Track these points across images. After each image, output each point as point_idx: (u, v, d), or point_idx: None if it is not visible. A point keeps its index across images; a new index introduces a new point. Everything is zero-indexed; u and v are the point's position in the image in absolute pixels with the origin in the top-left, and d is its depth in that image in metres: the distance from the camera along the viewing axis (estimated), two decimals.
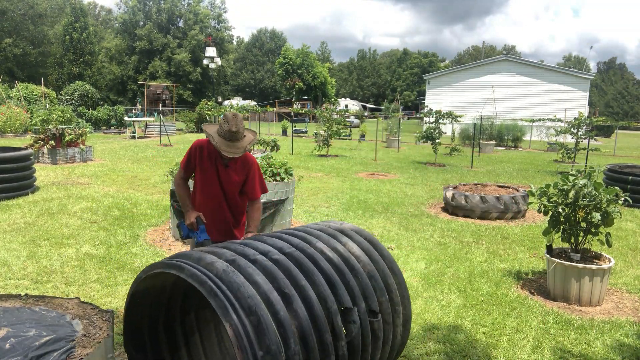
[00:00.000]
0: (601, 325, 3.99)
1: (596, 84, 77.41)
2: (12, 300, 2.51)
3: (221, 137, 3.04)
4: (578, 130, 15.01)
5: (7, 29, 43.90)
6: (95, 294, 4.26)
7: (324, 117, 17.51)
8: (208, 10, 59.41)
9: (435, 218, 7.72)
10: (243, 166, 3.27)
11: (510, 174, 13.29)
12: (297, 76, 52.12)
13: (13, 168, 8.05)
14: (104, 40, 59.70)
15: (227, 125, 3.01)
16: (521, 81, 31.54)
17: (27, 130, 20.12)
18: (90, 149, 13.35)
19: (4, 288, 4.31)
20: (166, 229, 6.46)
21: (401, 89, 74.54)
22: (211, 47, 35.95)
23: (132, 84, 52.69)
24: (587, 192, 4.36)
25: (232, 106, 18.14)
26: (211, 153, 3.21)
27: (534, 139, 27.32)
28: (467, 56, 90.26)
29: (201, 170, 3.24)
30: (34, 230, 6.19)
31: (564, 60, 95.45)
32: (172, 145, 18.49)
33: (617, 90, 73.05)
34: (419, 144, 22.10)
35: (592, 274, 4.31)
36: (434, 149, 15.02)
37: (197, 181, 3.30)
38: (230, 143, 3.03)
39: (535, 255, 5.90)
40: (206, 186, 3.24)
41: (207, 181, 3.23)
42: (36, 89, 26.90)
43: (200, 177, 3.26)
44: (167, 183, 9.51)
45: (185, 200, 3.29)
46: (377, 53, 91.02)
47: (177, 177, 3.36)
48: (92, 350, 2.01)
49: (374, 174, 12.44)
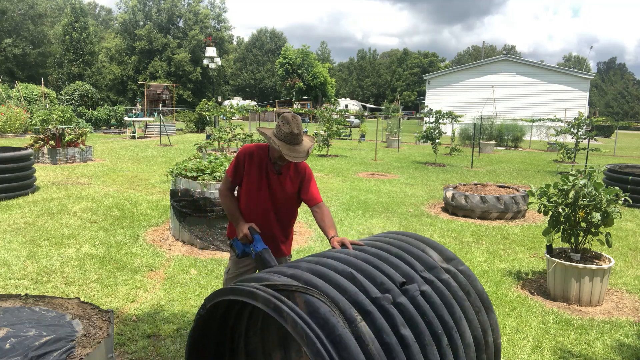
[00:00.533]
0: (601, 325, 3.99)
1: (596, 84, 77.42)
2: (12, 300, 2.51)
3: (281, 141, 2.72)
4: (578, 130, 15.01)
5: (7, 29, 43.90)
6: (95, 294, 4.26)
7: (323, 117, 17.52)
8: (208, 10, 59.42)
9: (435, 218, 7.72)
10: (297, 172, 2.95)
11: (510, 174, 13.29)
12: (297, 76, 52.17)
13: (13, 168, 8.05)
14: (104, 40, 59.73)
15: (287, 127, 2.71)
16: (521, 81, 31.53)
17: (27, 130, 20.13)
18: (90, 149, 13.34)
19: (4, 288, 4.31)
20: (166, 229, 6.46)
21: (401, 89, 74.57)
22: (211, 47, 35.92)
23: (132, 84, 52.70)
24: (587, 192, 4.36)
25: (232, 106, 18.13)
26: (262, 159, 2.89)
27: (534, 139, 27.33)
28: (467, 56, 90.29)
29: (249, 179, 2.91)
30: (34, 230, 6.19)
31: (564, 60, 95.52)
32: (172, 145, 18.49)
33: (617, 91, 73.04)
34: (419, 144, 22.10)
35: (592, 274, 4.31)
36: (434, 149, 15.02)
37: (243, 192, 2.98)
38: (292, 147, 2.73)
39: (535, 255, 5.90)
40: (254, 197, 2.92)
41: (255, 191, 2.91)
42: (36, 89, 26.91)
43: (247, 187, 2.94)
44: (167, 183, 9.51)
45: (234, 212, 2.93)
46: (377, 53, 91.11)
47: (222, 187, 2.99)
48: (92, 350, 2.01)
49: (374, 174, 12.44)
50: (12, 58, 44.12)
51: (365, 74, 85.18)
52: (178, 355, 3.31)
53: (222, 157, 6.62)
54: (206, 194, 5.54)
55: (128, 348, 3.36)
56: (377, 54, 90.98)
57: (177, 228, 5.91)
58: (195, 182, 5.62)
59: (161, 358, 3.27)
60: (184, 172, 5.86)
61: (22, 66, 45.81)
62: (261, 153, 2.90)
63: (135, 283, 4.54)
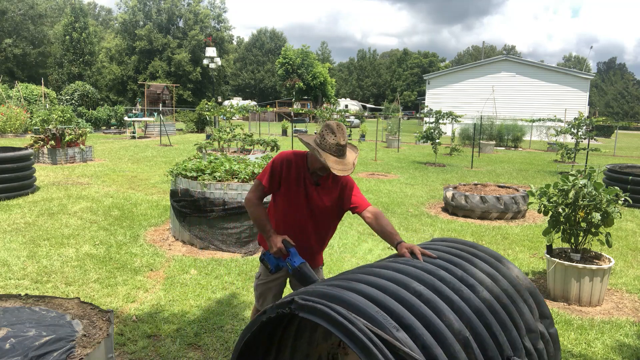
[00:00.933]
0: (601, 325, 3.99)
1: (596, 84, 77.42)
2: (12, 300, 2.51)
3: (327, 152, 2.49)
4: (578, 130, 15.01)
5: (7, 29, 43.91)
6: (95, 294, 4.26)
7: (323, 117, 17.53)
8: (208, 10, 59.43)
9: (435, 218, 7.72)
10: (335, 182, 2.73)
11: (510, 174, 13.29)
12: (297, 76, 52.16)
13: (13, 168, 8.06)
14: (104, 40, 59.74)
15: (333, 138, 2.48)
16: (521, 81, 31.53)
17: (27, 130, 20.13)
18: (90, 149, 13.34)
19: (4, 288, 4.31)
20: (166, 229, 6.46)
21: (401, 89, 74.59)
22: (211, 47, 35.92)
23: (132, 84, 52.71)
24: (587, 192, 4.36)
25: (232, 106, 18.14)
26: (299, 169, 2.67)
27: (534, 139, 27.32)
28: (467, 56, 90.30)
29: (285, 190, 2.69)
30: (34, 230, 6.19)
31: (564, 61, 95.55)
32: (172, 145, 18.49)
33: (617, 91, 73.06)
34: (419, 144, 22.10)
35: (592, 274, 4.31)
36: (434, 149, 15.02)
37: (278, 203, 2.76)
38: (338, 159, 2.49)
39: (535, 255, 5.90)
40: (291, 210, 2.71)
41: (293, 204, 2.70)
42: (36, 89, 26.92)
43: (283, 198, 2.71)
44: (167, 183, 9.51)
45: (264, 223, 2.67)
46: (377, 53, 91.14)
47: (251, 195, 2.71)
48: (92, 350, 2.01)
49: (374, 174, 12.44)
50: (12, 58, 44.14)
51: (365, 74, 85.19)
52: (178, 355, 3.31)
53: (222, 157, 6.62)
54: (206, 194, 5.54)
55: (128, 348, 3.36)
56: (377, 54, 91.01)
57: (177, 228, 5.91)
58: (195, 182, 5.62)
59: (161, 358, 3.27)
60: (184, 172, 5.86)
61: (22, 66, 45.83)
62: (299, 162, 2.68)
63: (135, 283, 4.54)
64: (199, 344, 3.46)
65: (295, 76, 52.15)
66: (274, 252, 2.59)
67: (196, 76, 55.35)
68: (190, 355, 3.31)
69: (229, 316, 3.90)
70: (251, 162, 6.22)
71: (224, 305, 4.10)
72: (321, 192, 2.69)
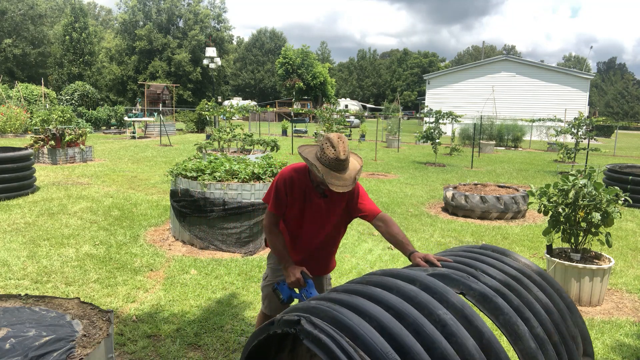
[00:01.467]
0: (601, 325, 3.99)
1: (596, 84, 77.44)
2: (12, 300, 2.51)
3: (325, 167, 2.41)
4: (578, 130, 15.01)
5: (7, 29, 43.92)
6: (95, 294, 4.26)
7: (323, 117, 17.52)
8: (208, 10, 59.42)
9: (435, 218, 7.72)
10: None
11: (510, 174, 13.29)
12: (297, 76, 52.15)
13: (13, 168, 8.06)
14: (104, 40, 59.75)
15: (333, 152, 2.38)
16: (521, 81, 31.54)
17: (27, 130, 20.13)
18: (90, 149, 13.35)
19: (4, 288, 4.31)
20: (166, 229, 6.46)
21: (401, 89, 74.58)
22: (211, 47, 35.91)
23: (132, 84, 52.71)
24: (587, 192, 4.36)
25: (232, 106, 18.13)
26: (302, 185, 2.61)
27: (534, 139, 27.32)
28: (467, 56, 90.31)
29: (293, 210, 2.66)
30: (34, 230, 6.19)
31: (564, 60, 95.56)
32: (172, 145, 18.49)
33: (617, 90, 73.03)
34: (419, 144, 22.10)
35: (592, 274, 4.31)
36: (434, 149, 15.02)
37: (288, 219, 2.72)
38: (338, 174, 2.41)
39: (535, 255, 5.90)
40: (301, 224, 2.69)
41: (302, 218, 2.67)
42: (36, 89, 26.92)
43: (292, 215, 2.68)
44: (167, 183, 9.51)
45: (282, 251, 2.62)
46: (377, 53, 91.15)
47: (267, 222, 2.68)
48: (92, 350, 2.01)
49: (374, 174, 12.44)
50: (12, 58, 44.15)
51: (365, 74, 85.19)
52: (178, 355, 3.31)
53: (222, 157, 6.62)
54: (206, 194, 5.54)
55: (128, 348, 3.36)
56: (377, 54, 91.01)
57: (177, 228, 5.91)
58: (195, 182, 5.62)
59: (161, 358, 3.27)
60: (184, 172, 5.86)
61: (22, 66, 45.84)
62: (302, 178, 2.61)
63: (135, 283, 4.54)
64: (199, 344, 3.46)
65: (295, 76, 52.14)
66: (291, 282, 2.55)
67: (196, 76, 55.35)
68: (190, 355, 3.31)
69: (229, 316, 3.90)
70: (251, 162, 6.22)
71: (224, 305, 4.10)
72: (329, 203, 2.65)
